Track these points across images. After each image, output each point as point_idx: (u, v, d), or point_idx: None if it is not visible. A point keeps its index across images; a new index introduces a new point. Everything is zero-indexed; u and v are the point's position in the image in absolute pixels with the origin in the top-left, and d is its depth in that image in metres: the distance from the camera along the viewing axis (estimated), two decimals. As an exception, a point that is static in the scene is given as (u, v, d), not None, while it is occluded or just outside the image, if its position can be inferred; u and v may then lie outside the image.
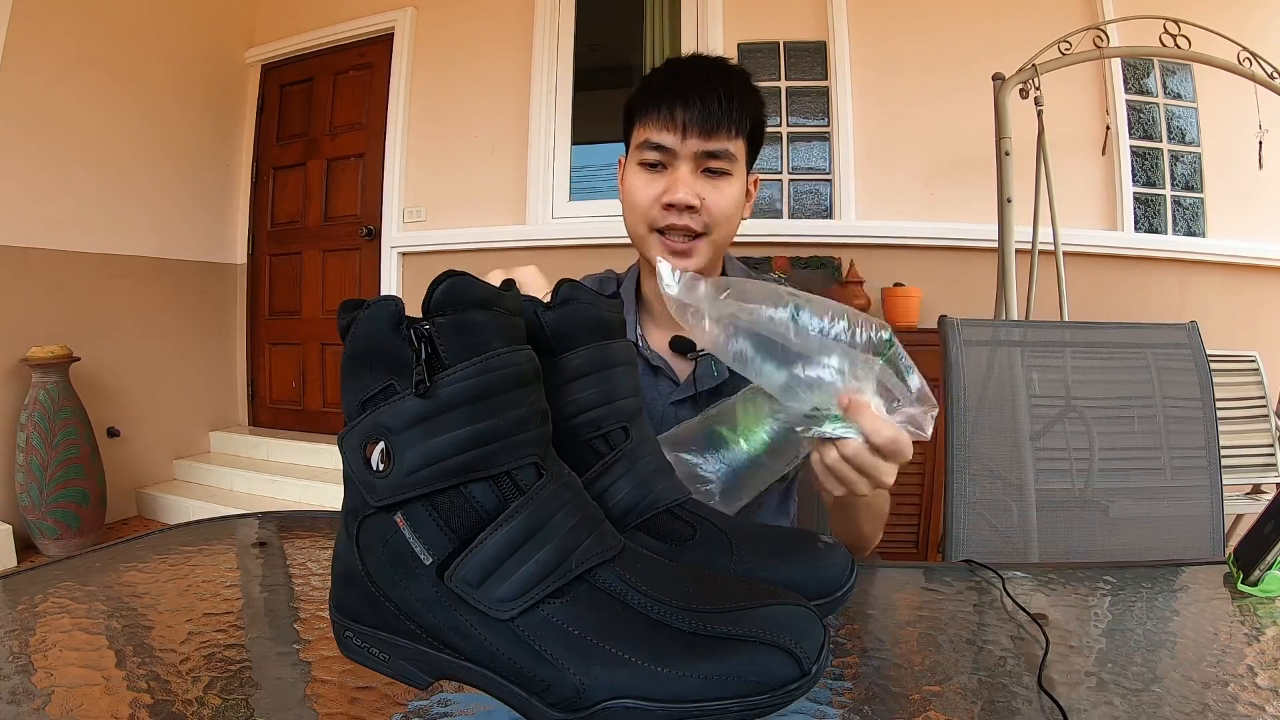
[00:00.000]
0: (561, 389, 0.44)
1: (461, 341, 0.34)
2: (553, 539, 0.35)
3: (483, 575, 0.34)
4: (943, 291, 2.46)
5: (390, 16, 3.07)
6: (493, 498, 0.35)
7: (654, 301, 0.87)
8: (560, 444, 0.42)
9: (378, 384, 0.34)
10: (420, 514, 0.34)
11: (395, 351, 0.34)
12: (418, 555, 0.34)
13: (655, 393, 0.86)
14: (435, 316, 0.34)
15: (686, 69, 0.79)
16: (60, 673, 0.41)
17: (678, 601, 0.35)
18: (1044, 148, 1.94)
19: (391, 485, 0.34)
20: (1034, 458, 1.05)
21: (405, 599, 0.35)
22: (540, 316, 0.44)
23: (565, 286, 0.47)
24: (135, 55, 2.88)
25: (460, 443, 0.34)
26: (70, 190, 2.66)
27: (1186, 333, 1.07)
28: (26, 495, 2.37)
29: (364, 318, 0.34)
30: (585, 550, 0.35)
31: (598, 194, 2.83)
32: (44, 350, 2.40)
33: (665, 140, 0.77)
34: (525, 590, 0.34)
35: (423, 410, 0.33)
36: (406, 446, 0.34)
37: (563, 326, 0.45)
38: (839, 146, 2.58)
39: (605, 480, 0.44)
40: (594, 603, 0.34)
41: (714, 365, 0.83)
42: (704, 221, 0.78)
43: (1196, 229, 2.51)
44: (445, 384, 0.33)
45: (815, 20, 2.62)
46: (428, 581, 0.34)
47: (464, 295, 0.34)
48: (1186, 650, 0.48)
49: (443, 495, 0.34)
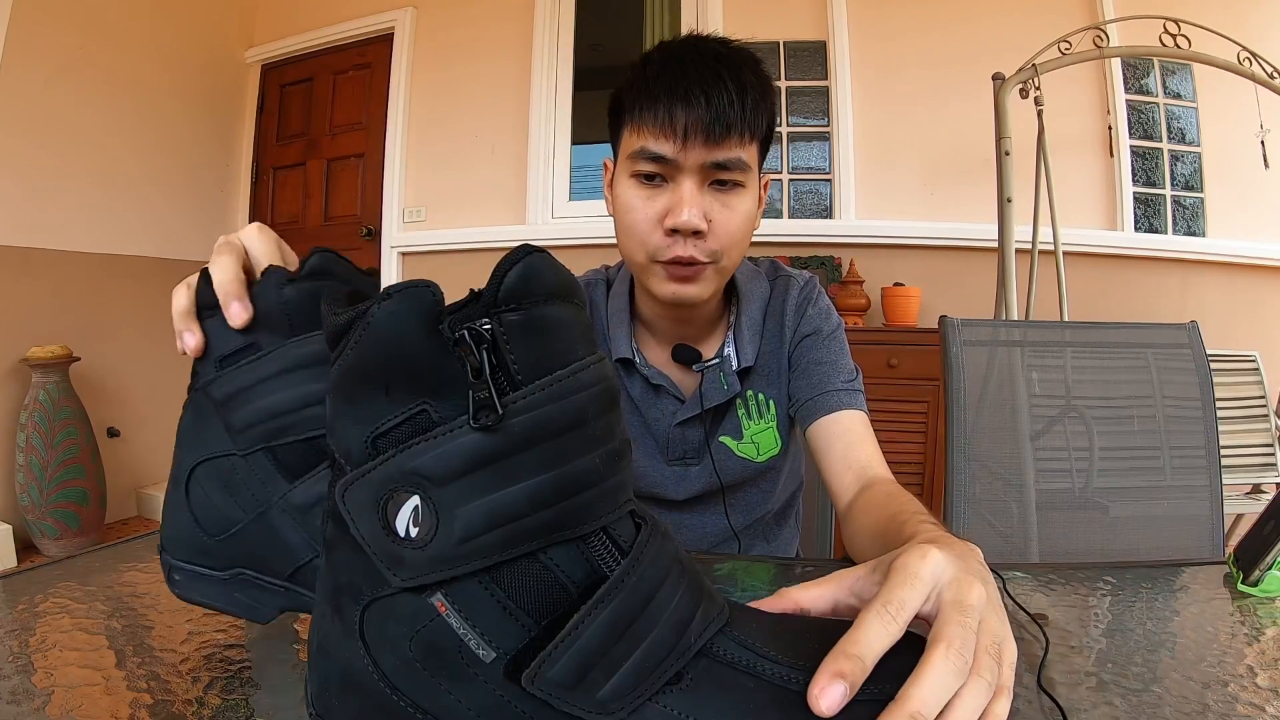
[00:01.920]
0: (293, 374, 0.39)
1: (538, 351, 0.24)
2: (667, 609, 0.26)
3: (580, 673, 0.25)
4: (943, 291, 2.46)
5: (390, 16, 3.07)
6: (582, 565, 0.26)
7: (655, 319, 0.78)
8: (287, 442, 0.38)
9: (399, 411, 0.25)
10: (475, 595, 0.25)
11: (431, 362, 0.24)
12: (471, 651, 0.25)
13: (658, 413, 0.79)
14: (504, 311, 0.24)
15: (687, 57, 0.65)
16: (60, 673, 0.41)
17: (808, 662, 0.28)
18: (1044, 148, 1.94)
19: (433, 558, 0.24)
20: (1034, 458, 1.05)
21: (450, 710, 0.26)
22: (280, 290, 0.39)
23: (316, 257, 0.40)
24: (135, 55, 2.87)
25: (543, 494, 0.24)
26: (70, 190, 2.66)
27: (1186, 333, 1.07)
28: (26, 495, 2.37)
29: (383, 315, 0.24)
30: (703, 617, 0.28)
31: (598, 194, 2.82)
32: (44, 350, 2.40)
33: (664, 150, 0.64)
34: (638, 683, 0.25)
35: (486, 449, 0.24)
36: (459, 503, 0.24)
37: (308, 304, 0.39)
38: (839, 146, 2.58)
39: (320, 486, 0.40)
40: (719, 682, 0.27)
41: (722, 378, 0.76)
42: (711, 249, 0.67)
43: (1197, 229, 2.50)
44: (521, 409, 0.24)
45: (815, 20, 2.62)
46: (489, 685, 0.25)
47: (545, 282, 0.25)
48: (1186, 650, 0.48)
49: (510, 567, 0.25)
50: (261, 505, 0.41)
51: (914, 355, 2.13)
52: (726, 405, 0.80)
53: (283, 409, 0.40)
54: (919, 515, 0.52)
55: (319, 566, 0.39)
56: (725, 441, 0.80)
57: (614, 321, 0.80)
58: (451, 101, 2.98)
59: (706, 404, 0.77)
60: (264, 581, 0.42)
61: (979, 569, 0.36)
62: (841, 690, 0.27)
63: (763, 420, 0.80)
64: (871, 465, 0.69)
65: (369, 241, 3.13)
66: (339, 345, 0.25)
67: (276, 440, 0.40)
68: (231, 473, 0.41)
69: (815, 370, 0.77)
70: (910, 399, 2.13)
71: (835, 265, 2.51)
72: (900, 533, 0.48)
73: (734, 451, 0.80)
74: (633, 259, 0.71)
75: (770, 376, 0.80)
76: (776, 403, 0.80)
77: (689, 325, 0.79)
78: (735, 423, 0.80)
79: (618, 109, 0.70)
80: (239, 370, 0.41)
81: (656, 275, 0.69)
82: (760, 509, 0.85)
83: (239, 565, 0.42)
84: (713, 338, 0.81)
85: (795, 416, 0.80)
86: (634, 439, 0.80)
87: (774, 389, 0.80)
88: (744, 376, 0.79)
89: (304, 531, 0.41)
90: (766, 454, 0.81)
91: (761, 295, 0.81)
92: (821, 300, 0.82)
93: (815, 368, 0.77)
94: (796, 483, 0.92)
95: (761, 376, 0.80)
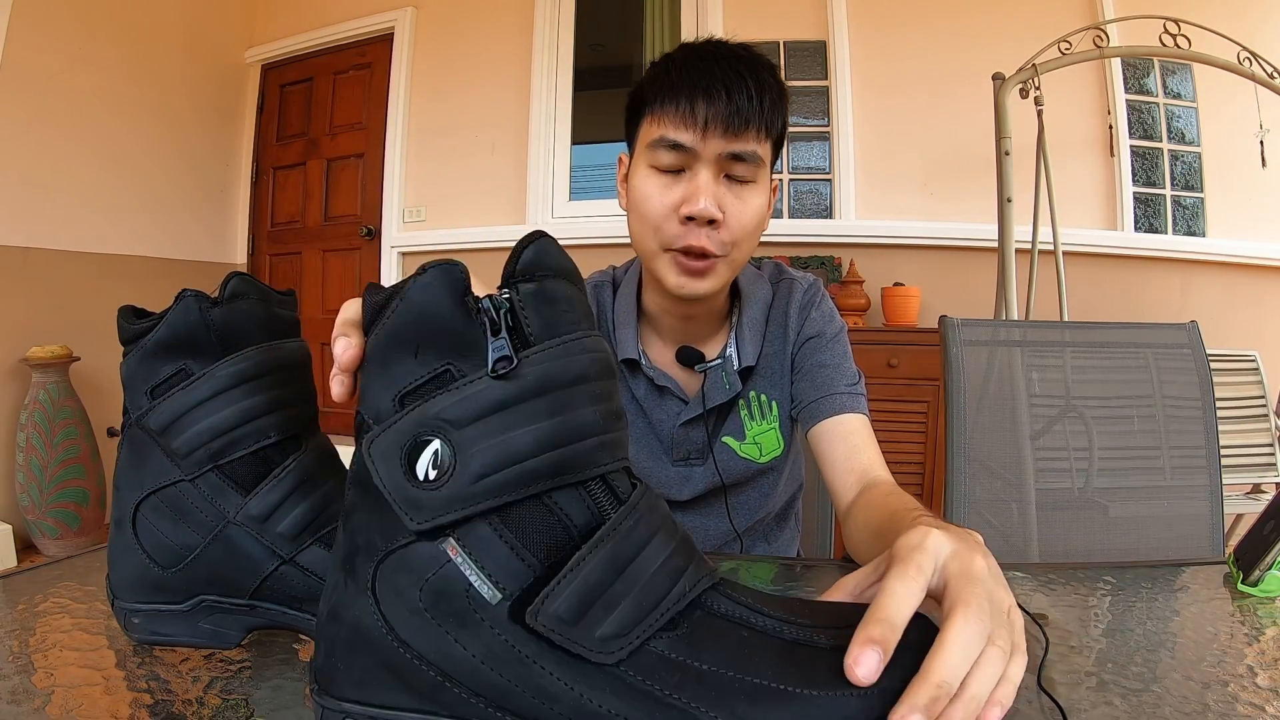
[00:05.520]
0: (231, 392, 0.40)
1: (549, 316, 0.28)
2: (661, 557, 0.28)
3: (581, 609, 0.26)
4: (943, 291, 2.46)
5: (390, 16, 3.07)
6: (583, 510, 0.28)
7: (659, 315, 0.79)
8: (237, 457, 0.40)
9: (425, 371, 0.27)
10: (484, 536, 0.27)
11: (457, 328, 0.27)
12: (478, 593, 0.27)
13: (663, 413, 0.80)
14: (520, 282, 0.28)
15: (709, 56, 0.67)
16: (60, 673, 0.41)
17: (800, 619, 0.29)
18: (1044, 148, 1.94)
19: (449, 498, 0.26)
20: (1034, 457, 1.05)
21: (454, 659, 0.27)
22: (206, 314, 0.41)
23: (236, 280, 0.42)
24: (135, 56, 2.87)
25: (551, 435, 0.27)
26: (70, 190, 2.66)
27: (1186, 332, 1.07)
28: (26, 495, 2.37)
29: (417, 287, 0.27)
30: (695, 571, 0.29)
31: (598, 194, 2.83)
32: (44, 350, 2.40)
33: (684, 139, 0.65)
34: (636, 623, 0.27)
35: (502, 396, 0.26)
36: (475, 444, 0.26)
37: (234, 324, 0.41)
38: (839, 146, 2.58)
39: (276, 493, 0.41)
40: (715, 631, 0.28)
41: (724, 377, 0.77)
42: (723, 241, 0.68)
43: (1196, 229, 2.50)
44: (534, 362, 0.27)
45: (815, 20, 2.62)
46: (493, 628, 0.27)
47: (554, 262, 0.28)
48: (1186, 650, 0.48)
49: (518, 508, 0.27)
50: (217, 524, 0.41)
51: (914, 355, 2.13)
52: (729, 406, 0.80)
53: (226, 426, 0.41)
54: (916, 511, 0.53)
55: (286, 573, 0.41)
56: (728, 442, 0.80)
57: (620, 322, 0.80)
58: (451, 101, 2.98)
59: (709, 404, 0.77)
60: (228, 604, 0.42)
61: (977, 546, 0.36)
62: (876, 657, 0.27)
63: (765, 421, 0.81)
64: (873, 468, 0.70)
65: (369, 241, 3.13)
66: (377, 319, 0.28)
67: (225, 457, 0.41)
68: (180, 499, 0.42)
69: (818, 373, 0.77)
70: (910, 399, 2.13)
71: (835, 265, 2.51)
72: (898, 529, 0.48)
73: (736, 452, 0.81)
74: (645, 247, 0.71)
75: (773, 378, 0.80)
76: (779, 404, 0.81)
77: (694, 323, 0.79)
78: (738, 424, 0.81)
79: (637, 104, 0.71)
80: (173, 397, 0.41)
81: (667, 265, 0.70)
82: (761, 510, 0.85)
83: (199, 592, 0.42)
84: (716, 339, 0.81)
85: (797, 418, 0.80)
86: (639, 440, 0.80)
87: (776, 390, 0.81)
88: (746, 377, 0.80)
89: (264, 540, 0.41)
90: (769, 455, 0.81)
91: (763, 297, 0.81)
92: (825, 303, 0.82)
93: (818, 370, 0.77)
94: (796, 485, 0.92)
95: (764, 378, 0.80)
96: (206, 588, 0.42)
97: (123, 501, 0.43)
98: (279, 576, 0.42)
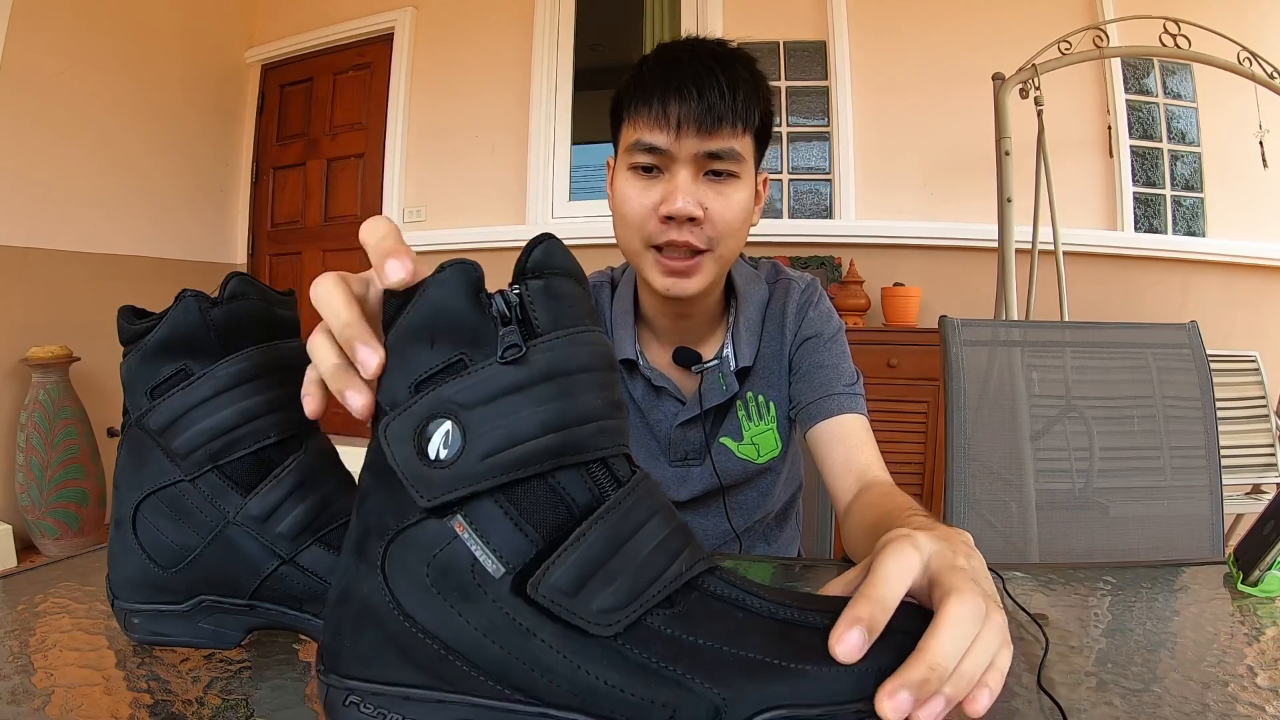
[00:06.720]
0: (231, 392, 0.41)
1: (555, 311, 0.30)
2: (658, 538, 0.30)
3: (580, 581, 0.28)
4: (943, 291, 2.46)
5: (390, 16, 3.07)
6: (584, 490, 0.29)
7: (655, 316, 0.79)
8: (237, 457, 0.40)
9: (440, 360, 0.29)
10: (490, 513, 0.28)
11: (471, 321, 0.29)
12: (483, 568, 0.28)
13: (660, 414, 0.80)
14: (530, 278, 0.30)
15: (681, 56, 0.67)
16: (60, 673, 0.41)
17: (793, 601, 0.30)
18: (1044, 148, 1.94)
19: (458, 475, 0.28)
20: (1034, 457, 1.05)
21: (457, 632, 0.28)
22: (206, 314, 0.41)
23: (235, 280, 0.42)
24: (135, 56, 2.87)
25: (555, 418, 0.28)
26: (70, 190, 2.66)
27: (1186, 333, 1.07)
28: (26, 495, 2.37)
29: (435, 283, 0.29)
30: (690, 554, 0.30)
31: (598, 194, 2.83)
32: (44, 350, 2.39)
33: (658, 140, 0.66)
34: (633, 598, 0.28)
35: (510, 380, 0.28)
36: (483, 424, 0.28)
37: (234, 324, 0.42)
38: (839, 146, 2.58)
39: (276, 494, 0.41)
40: (710, 610, 0.29)
41: (721, 379, 0.77)
42: (708, 236, 0.68)
43: (1196, 229, 2.50)
44: (540, 351, 0.29)
45: (815, 20, 2.62)
46: (495, 601, 0.28)
47: (561, 261, 0.30)
48: (1186, 650, 0.48)
49: (523, 487, 0.29)
50: (217, 524, 0.41)
51: (914, 355, 2.13)
52: (727, 407, 0.80)
53: (227, 426, 0.41)
54: (910, 509, 0.53)
55: (286, 573, 0.41)
56: (725, 443, 0.80)
57: (618, 323, 0.80)
58: (451, 101, 2.98)
59: (706, 404, 0.77)
60: (227, 604, 0.43)
61: (964, 547, 0.36)
62: (860, 635, 0.28)
63: (763, 422, 0.80)
64: (871, 469, 0.70)
65: (369, 241, 3.13)
66: (397, 314, 0.30)
67: (225, 457, 0.41)
68: (180, 499, 0.42)
69: (816, 374, 0.77)
70: (910, 399, 2.13)
71: (835, 265, 2.51)
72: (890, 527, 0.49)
73: (734, 453, 0.81)
74: (630, 248, 0.72)
75: (770, 378, 0.80)
76: (776, 405, 0.81)
77: (689, 324, 0.79)
78: (735, 424, 0.80)
79: (617, 109, 0.72)
80: (173, 397, 0.41)
81: (651, 265, 0.70)
82: (760, 510, 0.85)
83: (199, 592, 0.42)
84: (713, 340, 0.81)
85: (796, 419, 0.80)
86: (636, 440, 0.80)
87: (774, 391, 0.80)
88: (743, 378, 0.80)
89: (264, 541, 0.41)
90: (766, 455, 0.81)
91: (759, 298, 0.81)
92: (823, 303, 0.81)
93: (816, 371, 0.77)
94: (796, 484, 0.92)
95: (761, 378, 0.80)
96: (206, 588, 0.42)
97: (123, 501, 0.43)
98: (279, 576, 0.42)
